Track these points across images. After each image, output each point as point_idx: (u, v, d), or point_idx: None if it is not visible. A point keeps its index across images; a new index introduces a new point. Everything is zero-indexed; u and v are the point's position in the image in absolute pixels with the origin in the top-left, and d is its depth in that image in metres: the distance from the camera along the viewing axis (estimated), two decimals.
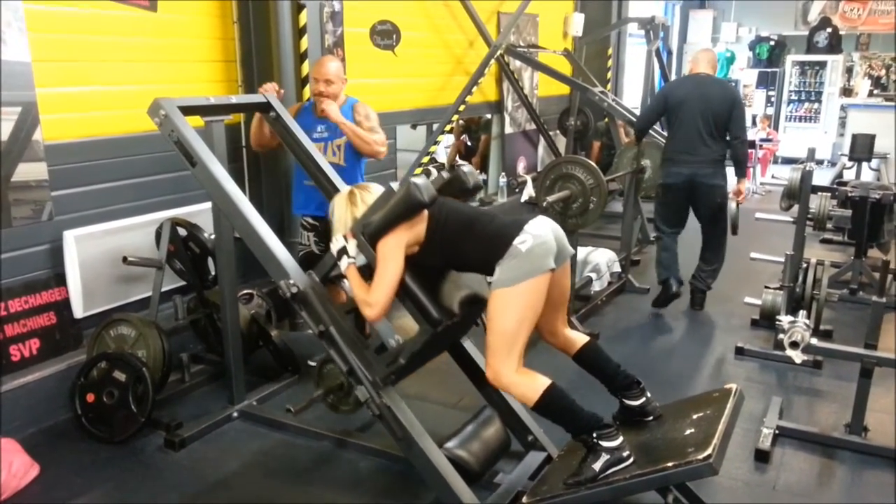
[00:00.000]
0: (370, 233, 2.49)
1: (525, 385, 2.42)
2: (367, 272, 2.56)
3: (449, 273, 2.65)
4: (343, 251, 2.57)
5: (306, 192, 3.80)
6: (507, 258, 2.36)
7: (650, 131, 5.86)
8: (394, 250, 2.44)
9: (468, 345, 3.04)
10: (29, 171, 3.31)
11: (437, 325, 2.50)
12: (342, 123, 3.66)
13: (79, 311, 3.56)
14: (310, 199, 3.80)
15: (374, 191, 2.66)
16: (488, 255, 2.40)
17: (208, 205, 3.50)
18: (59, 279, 3.51)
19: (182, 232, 3.64)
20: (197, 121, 3.10)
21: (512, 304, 2.38)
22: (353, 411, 3.21)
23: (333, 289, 3.19)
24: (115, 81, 3.68)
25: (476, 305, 2.64)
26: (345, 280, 2.65)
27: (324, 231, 3.72)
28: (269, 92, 3.44)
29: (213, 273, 3.68)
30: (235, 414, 3.47)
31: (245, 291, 3.92)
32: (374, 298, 2.44)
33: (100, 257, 3.59)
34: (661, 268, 4.96)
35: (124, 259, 3.54)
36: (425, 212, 2.49)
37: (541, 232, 2.41)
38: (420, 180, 2.45)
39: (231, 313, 3.42)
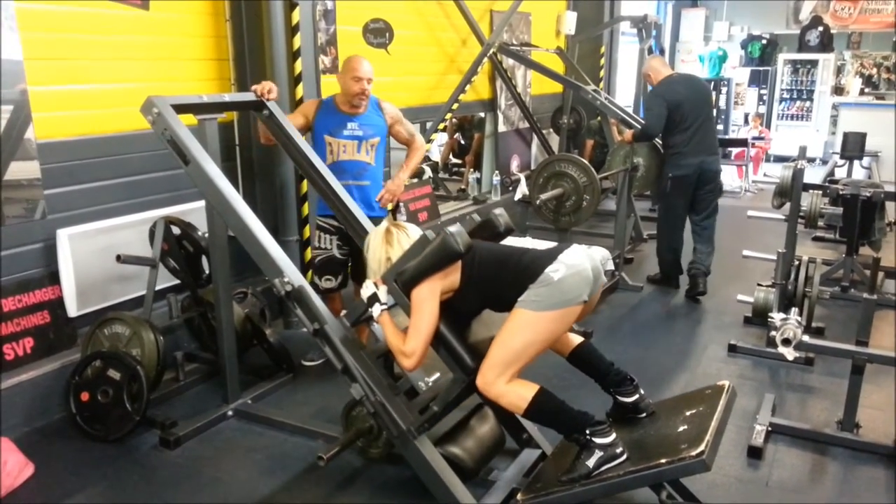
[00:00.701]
0: (404, 281, 2.46)
1: (514, 393, 2.42)
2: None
3: (480, 316, 2.63)
4: (374, 297, 2.53)
5: None
6: (537, 285, 2.33)
7: (635, 125, 6.20)
8: (428, 298, 2.41)
9: None
10: (21, 169, 3.30)
11: (472, 374, 2.48)
12: (406, 180, 3.80)
13: (73, 310, 3.55)
14: None
15: (412, 232, 2.61)
16: (522, 286, 2.36)
17: (202, 203, 3.50)
18: (53, 278, 3.50)
19: (176, 230, 3.63)
20: (190, 119, 3.10)
21: (530, 327, 2.36)
22: (384, 455, 3.02)
23: (360, 328, 3.15)
24: (108, 79, 3.67)
25: None
26: (375, 324, 2.60)
27: (348, 236, 3.65)
28: (266, 97, 3.37)
29: (207, 271, 3.68)
30: (230, 412, 3.46)
31: (239, 290, 3.92)
32: (410, 348, 2.41)
33: (93, 256, 3.58)
34: (673, 263, 5.34)
35: (118, 257, 3.53)
36: (459, 261, 2.46)
37: (575, 262, 2.37)
38: (455, 228, 2.42)
39: (225, 312, 3.42)
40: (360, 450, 3.05)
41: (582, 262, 2.39)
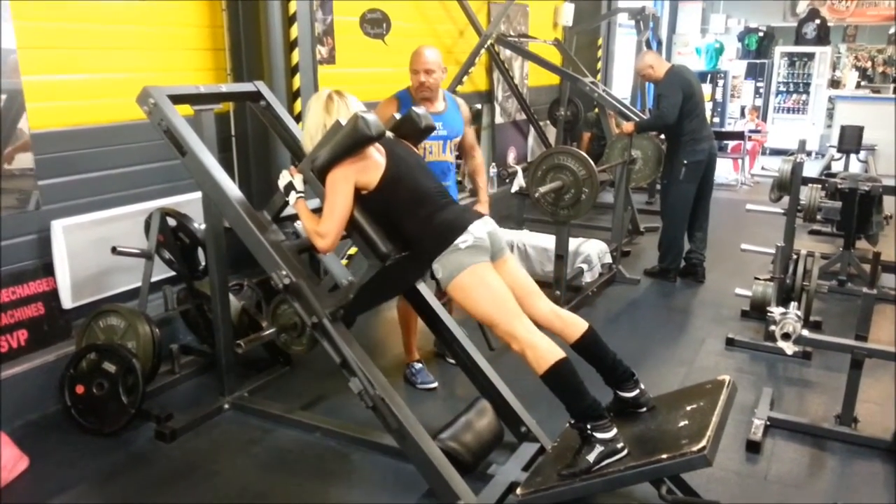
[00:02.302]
0: (318, 167, 2.53)
1: (541, 349, 2.43)
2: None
3: None
4: (290, 186, 2.61)
5: None
6: (446, 253, 2.46)
7: (627, 111, 6.41)
8: (341, 182, 2.50)
9: (423, 288, 3.10)
10: (17, 159, 3.25)
11: (386, 260, 2.56)
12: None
13: (67, 302, 3.52)
14: None
15: (352, 105, 2.67)
16: (425, 243, 2.51)
17: (198, 194, 3.47)
18: (47, 269, 3.46)
19: (171, 222, 3.60)
20: (186, 109, 3.07)
21: (466, 289, 2.48)
22: (307, 351, 3.25)
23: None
24: (103, 69, 3.63)
25: None
26: (298, 221, 2.74)
27: None
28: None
29: (202, 263, 3.65)
30: (227, 405, 3.44)
31: (235, 282, 3.89)
32: (324, 229, 2.50)
33: (88, 247, 3.55)
34: (678, 254, 5.36)
35: (113, 249, 3.50)
36: (380, 158, 2.55)
37: (481, 234, 2.52)
38: (369, 115, 2.48)
39: (221, 304, 3.40)
40: (283, 343, 3.33)
41: (483, 234, 2.54)
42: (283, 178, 2.65)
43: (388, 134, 2.73)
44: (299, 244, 2.79)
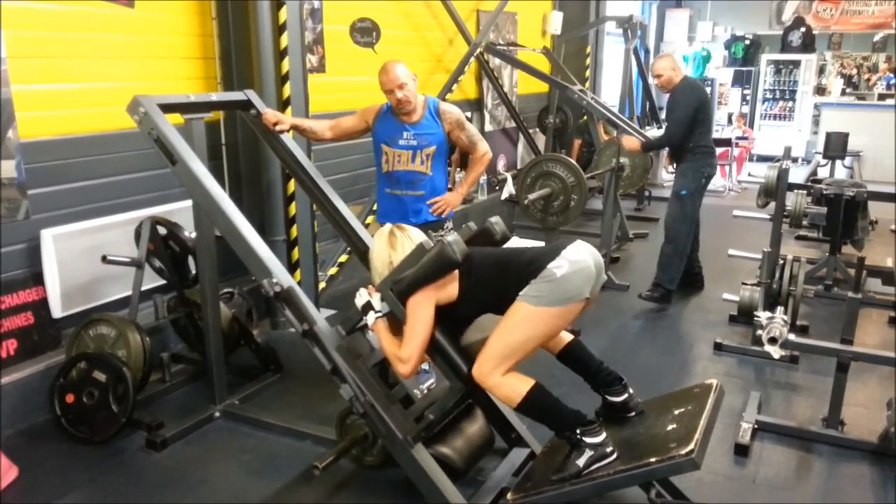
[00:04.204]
0: (400, 290, 2.45)
1: (509, 386, 2.42)
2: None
3: (476, 321, 2.61)
4: (368, 305, 2.52)
5: (387, 201, 3.62)
6: (539, 280, 2.32)
7: (627, 126, 6.01)
8: (423, 305, 2.41)
9: None
10: (3, 168, 3.25)
11: (469, 382, 2.48)
12: (465, 194, 3.73)
13: (57, 311, 3.52)
14: (390, 208, 3.61)
15: (415, 236, 2.60)
16: (526, 283, 2.34)
17: (188, 203, 3.48)
18: (37, 278, 3.46)
19: (162, 230, 3.60)
20: (176, 118, 3.08)
21: (531, 322, 2.35)
22: (379, 462, 2.97)
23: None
24: (93, 78, 3.64)
25: None
26: (370, 332, 2.60)
27: None
28: (274, 128, 3.39)
29: (193, 272, 3.65)
30: (217, 414, 3.44)
31: (226, 290, 3.90)
32: (406, 354, 2.41)
33: (78, 256, 3.55)
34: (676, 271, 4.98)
35: (103, 258, 3.50)
36: (456, 271, 2.46)
37: (579, 258, 2.35)
38: (452, 237, 2.41)
39: (212, 312, 3.40)
40: (354, 458, 3.01)
41: (585, 258, 2.37)
42: (361, 298, 2.55)
43: None
44: (374, 358, 2.68)
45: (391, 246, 2.58)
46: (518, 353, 2.39)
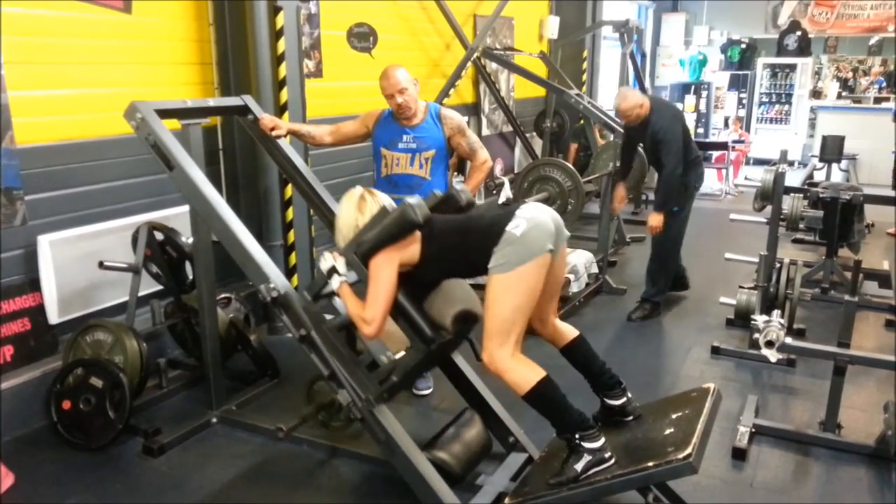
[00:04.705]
0: (363, 252, 2.48)
1: (519, 372, 2.42)
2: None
3: (440, 288, 2.64)
4: (333, 270, 2.55)
5: (381, 187, 3.43)
6: (502, 244, 2.35)
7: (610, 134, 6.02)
8: (386, 267, 2.44)
9: (459, 360, 3.06)
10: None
11: (431, 344, 2.50)
12: None
13: (54, 317, 3.51)
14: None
15: (383, 199, 2.63)
16: (486, 249, 2.38)
17: (185, 208, 3.48)
18: (34, 285, 3.46)
19: (159, 236, 3.60)
20: (173, 123, 3.08)
21: (509, 289, 2.37)
22: (346, 427, 3.13)
23: None
24: (90, 84, 3.64)
25: (468, 322, 2.64)
26: (336, 298, 2.62)
27: None
28: (271, 133, 3.39)
29: (190, 277, 3.65)
30: (215, 419, 3.44)
31: (223, 295, 3.89)
32: (370, 315, 2.43)
33: (75, 262, 3.54)
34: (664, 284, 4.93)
35: (100, 264, 3.49)
36: (417, 232, 2.48)
37: (535, 215, 2.40)
38: (414, 200, 2.44)
39: (209, 317, 3.40)
40: (321, 422, 3.13)
41: (540, 214, 2.42)
42: (326, 262, 2.58)
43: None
44: (340, 322, 2.72)
45: (359, 210, 2.61)
46: (513, 322, 2.39)
